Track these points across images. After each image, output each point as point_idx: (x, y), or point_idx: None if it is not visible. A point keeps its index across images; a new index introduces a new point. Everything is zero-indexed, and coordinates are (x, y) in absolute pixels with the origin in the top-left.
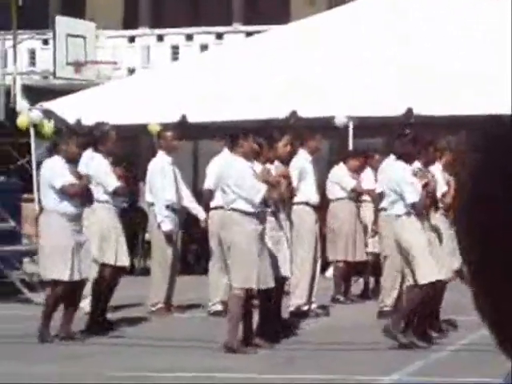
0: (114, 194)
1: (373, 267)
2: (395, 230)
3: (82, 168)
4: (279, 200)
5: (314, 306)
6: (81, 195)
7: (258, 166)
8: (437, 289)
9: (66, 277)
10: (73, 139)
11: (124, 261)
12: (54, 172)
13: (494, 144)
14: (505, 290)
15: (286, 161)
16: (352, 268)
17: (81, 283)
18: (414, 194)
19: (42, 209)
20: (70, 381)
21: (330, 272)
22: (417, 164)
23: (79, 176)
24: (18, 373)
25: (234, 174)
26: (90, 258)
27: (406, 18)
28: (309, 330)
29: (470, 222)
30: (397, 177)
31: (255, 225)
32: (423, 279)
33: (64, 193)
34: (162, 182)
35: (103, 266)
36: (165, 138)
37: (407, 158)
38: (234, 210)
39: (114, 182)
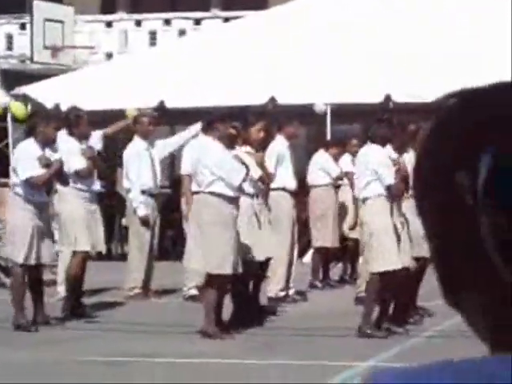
0: (77, 175)
1: (351, 253)
2: (362, 213)
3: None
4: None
5: (291, 291)
6: (48, 184)
7: (237, 150)
8: (406, 276)
9: (20, 259)
10: (48, 122)
11: (97, 246)
12: (24, 159)
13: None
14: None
15: (258, 146)
16: (331, 254)
17: (39, 268)
18: (390, 177)
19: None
20: (47, 367)
21: (307, 257)
22: (388, 148)
23: (48, 164)
24: None
25: (212, 157)
26: (52, 243)
27: (384, 5)
28: (286, 315)
29: (424, 204)
30: (374, 159)
31: (231, 209)
32: (378, 268)
33: (30, 184)
34: (138, 166)
35: (75, 251)
36: (141, 122)
37: (383, 142)
38: (211, 193)
39: (76, 164)
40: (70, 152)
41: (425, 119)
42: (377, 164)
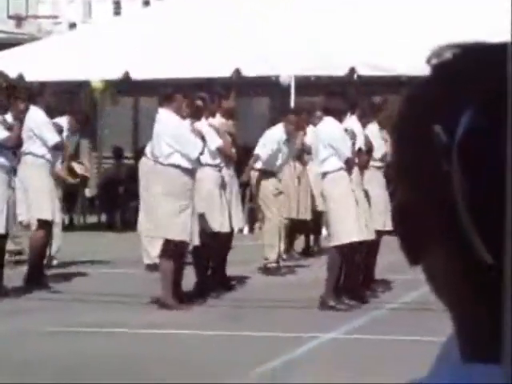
0: (55, 148)
1: (315, 225)
2: (323, 187)
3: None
4: (228, 156)
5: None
6: (16, 146)
7: (202, 122)
8: (367, 248)
9: (2, 229)
10: (2, 90)
11: (57, 216)
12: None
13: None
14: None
15: (229, 116)
16: (295, 226)
17: (5, 237)
18: (347, 149)
19: None
20: (8, 337)
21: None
22: (352, 119)
23: (10, 127)
24: None
25: (169, 130)
26: (15, 212)
27: None
28: (249, 287)
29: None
30: (329, 133)
31: (188, 180)
32: (337, 240)
33: (2, 147)
34: None
35: (40, 221)
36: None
37: (337, 115)
38: (169, 165)
39: (54, 137)
40: (40, 124)
41: (389, 92)
42: (331, 139)
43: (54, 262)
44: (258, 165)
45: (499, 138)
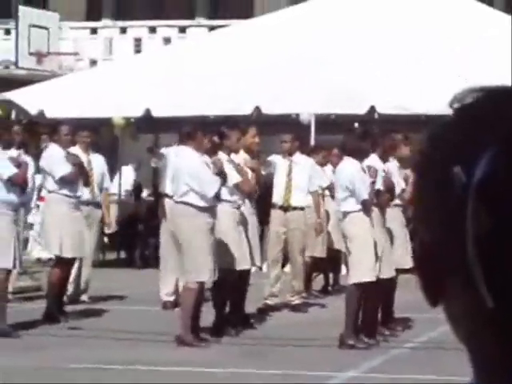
0: (62, 181)
1: (334, 263)
2: (342, 226)
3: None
4: (247, 193)
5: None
6: (23, 183)
7: (223, 157)
8: (385, 287)
9: (10, 265)
10: (8, 127)
11: (81, 252)
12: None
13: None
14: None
15: (254, 153)
16: (313, 264)
17: (10, 273)
18: (364, 191)
19: None
20: (27, 374)
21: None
22: (373, 157)
23: (19, 164)
24: None
25: (187, 167)
26: (21, 249)
27: (370, 15)
28: (269, 324)
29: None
30: (348, 174)
31: (206, 218)
32: (355, 279)
33: (11, 183)
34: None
35: (59, 257)
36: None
37: (357, 154)
38: (184, 203)
39: (61, 170)
40: (51, 159)
41: (409, 130)
42: (349, 180)
43: (82, 298)
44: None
45: None
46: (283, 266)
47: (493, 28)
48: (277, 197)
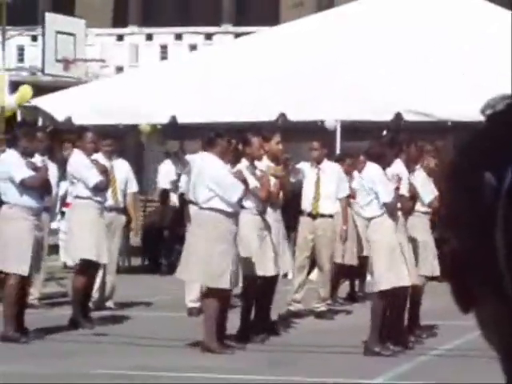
0: (96, 188)
1: (360, 269)
2: (367, 232)
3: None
4: (269, 200)
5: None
6: (41, 187)
7: (243, 164)
8: (411, 294)
9: (25, 272)
10: (29, 133)
11: (103, 258)
12: (11, 166)
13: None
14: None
15: (278, 159)
16: (341, 271)
17: (29, 279)
18: (386, 194)
19: (1, 202)
20: (54, 380)
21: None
22: (398, 164)
23: (36, 168)
24: None
25: (210, 173)
26: (44, 254)
27: (397, 21)
28: (294, 331)
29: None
30: (371, 177)
31: (229, 224)
32: (380, 286)
33: (24, 186)
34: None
35: (84, 261)
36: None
37: (382, 161)
38: (209, 209)
39: (94, 177)
40: (80, 165)
41: (436, 137)
42: (372, 184)
43: (107, 304)
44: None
45: None
46: (309, 272)
47: None
48: (305, 204)
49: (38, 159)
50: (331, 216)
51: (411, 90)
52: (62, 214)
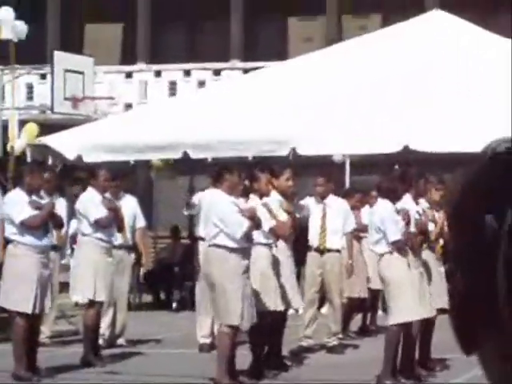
0: (97, 224)
1: (371, 303)
2: (379, 268)
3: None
4: (282, 237)
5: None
6: (43, 225)
7: (253, 200)
8: (423, 327)
9: (28, 310)
10: (35, 171)
11: (100, 296)
12: (13, 207)
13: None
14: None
15: (288, 195)
16: (351, 305)
17: (39, 317)
18: (395, 232)
19: (7, 241)
20: None
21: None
22: (407, 198)
23: (38, 207)
24: None
25: (216, 209)
26: (53, 291)
27: (402, 56)
28: (305, 366)
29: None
30: (380, 215)
31: (238, 260)
32: (394, 320)
33: (24, 226)
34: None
35: (92, 301)
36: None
37: (393, 196)
38: (216, 245)
39: (96, 213)
40: (86, 202)
41: (445, 169)
42: (381, 221)
43: (119, 341)
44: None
45: None
46: (319, 307)
47: None
48: (312, 239)
49: (44, 198)
50: (338, 251)
51: (418, 123)
52: (73, 250)
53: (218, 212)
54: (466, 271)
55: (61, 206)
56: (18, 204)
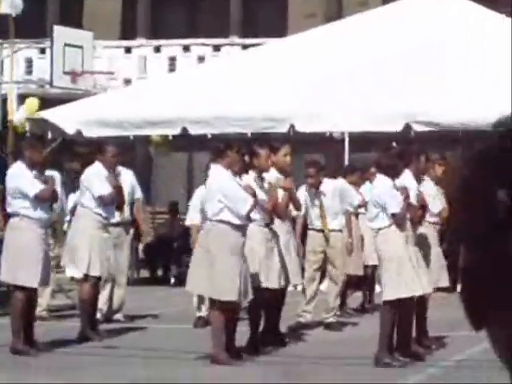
0: (101, 200)
1: (369, 280)
2: (376, 244)
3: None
4: (275, 211)
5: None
6: (51, 198)
7: (251, 176)
8: (418, 304)
9: (35, 284)
10: (35, 145)
11: (97, 271)
12: (21, 180)
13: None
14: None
15: (286, 171)
16: (348, 282)
17: (36, 290)
18: (395, 205)
19: (8, 215)
20: None
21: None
22: (407, 174)
23: (45, 180)
24: None
25: (219, 185)
26: (50, 266)
27: (403, 34)
28: (303, 343)
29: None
30: (378, 190)
31: (238, 237)
32: (389, 296)
33: (38, 200)
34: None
35: (86, 276)
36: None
37: (391, 172)
38: (219, 221)
39: (101, 188)
40: (92, 176)
41: (445, 148)
42: (380, 195)
43: (116, 317)
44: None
45: None
46: (319, 283)
47: None
48: (313, 222)
49: (47, 172)
50: (340, 230)
51: (420, 100)
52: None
53: (222, 188)
54: (474, 247)
55: (57, 180)
56: (27, 178)
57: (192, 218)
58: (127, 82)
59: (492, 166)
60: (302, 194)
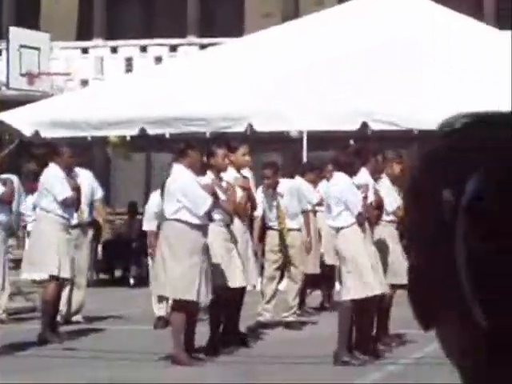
0: (64, 203)
1: (328, 279)
2: (336, 243)
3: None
4: (236, 212)
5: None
6: (9, 202)
7: (209, 176)
8: (378, 303)
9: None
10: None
11: (65, 272)
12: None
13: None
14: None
15: (250, 170)
16: (309, 280)
17: None
18: (358, 205)
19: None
20: None
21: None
22: (364, 173)
23: (4, 182)
24: None
25: (179, 185)
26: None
27: (360, 33)
28: (263, 342)
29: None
30: (339, 187)
31: (198, 237)
32: (348, 295)
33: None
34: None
35: (53, 277)
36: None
37: (349, 170)
38: (177, 220)
39: (62, 192)
40: (53, 178)
41: (401, 147)
42: (342, 194)
43: (75, 318)
44: None
45: (504, 203)
46: (278, 283)
47: (487, 44)
48: (271, 221)
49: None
50: (299, 230)
51: (377, 100)
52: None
53: (181, 187)
54: (423, 248)
55: (15, 182)
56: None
57: (149, 224)
58: (84, 82)
59: (439, 166)
60: (259, 195)
